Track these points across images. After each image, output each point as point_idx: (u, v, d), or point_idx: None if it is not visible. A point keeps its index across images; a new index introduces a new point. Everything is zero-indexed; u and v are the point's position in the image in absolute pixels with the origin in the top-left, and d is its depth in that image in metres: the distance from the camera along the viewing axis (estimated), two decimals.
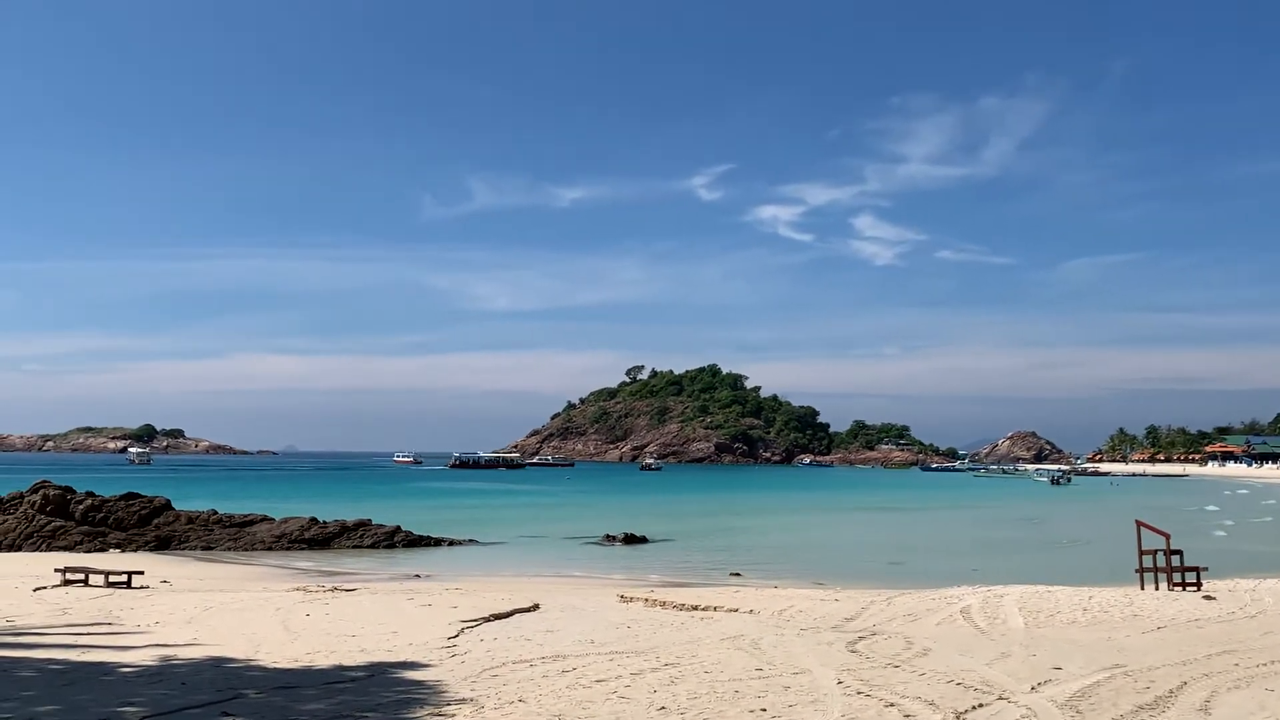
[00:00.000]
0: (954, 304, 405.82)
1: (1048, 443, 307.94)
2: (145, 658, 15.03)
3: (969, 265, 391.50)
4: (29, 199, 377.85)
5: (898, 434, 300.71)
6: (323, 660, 15.02)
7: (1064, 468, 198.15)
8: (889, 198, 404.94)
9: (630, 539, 46.18)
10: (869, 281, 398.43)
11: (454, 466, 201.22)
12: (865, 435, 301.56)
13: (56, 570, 27.36)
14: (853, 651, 15.48)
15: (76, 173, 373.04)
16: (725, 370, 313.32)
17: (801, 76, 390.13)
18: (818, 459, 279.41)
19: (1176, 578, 24.88)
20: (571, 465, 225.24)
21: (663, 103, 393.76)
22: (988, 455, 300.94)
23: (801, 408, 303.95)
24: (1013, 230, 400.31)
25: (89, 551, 38.83)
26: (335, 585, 26.70)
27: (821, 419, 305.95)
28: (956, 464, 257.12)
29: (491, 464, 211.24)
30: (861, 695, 12.33)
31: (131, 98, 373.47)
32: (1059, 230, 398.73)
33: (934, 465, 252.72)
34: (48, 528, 41.01)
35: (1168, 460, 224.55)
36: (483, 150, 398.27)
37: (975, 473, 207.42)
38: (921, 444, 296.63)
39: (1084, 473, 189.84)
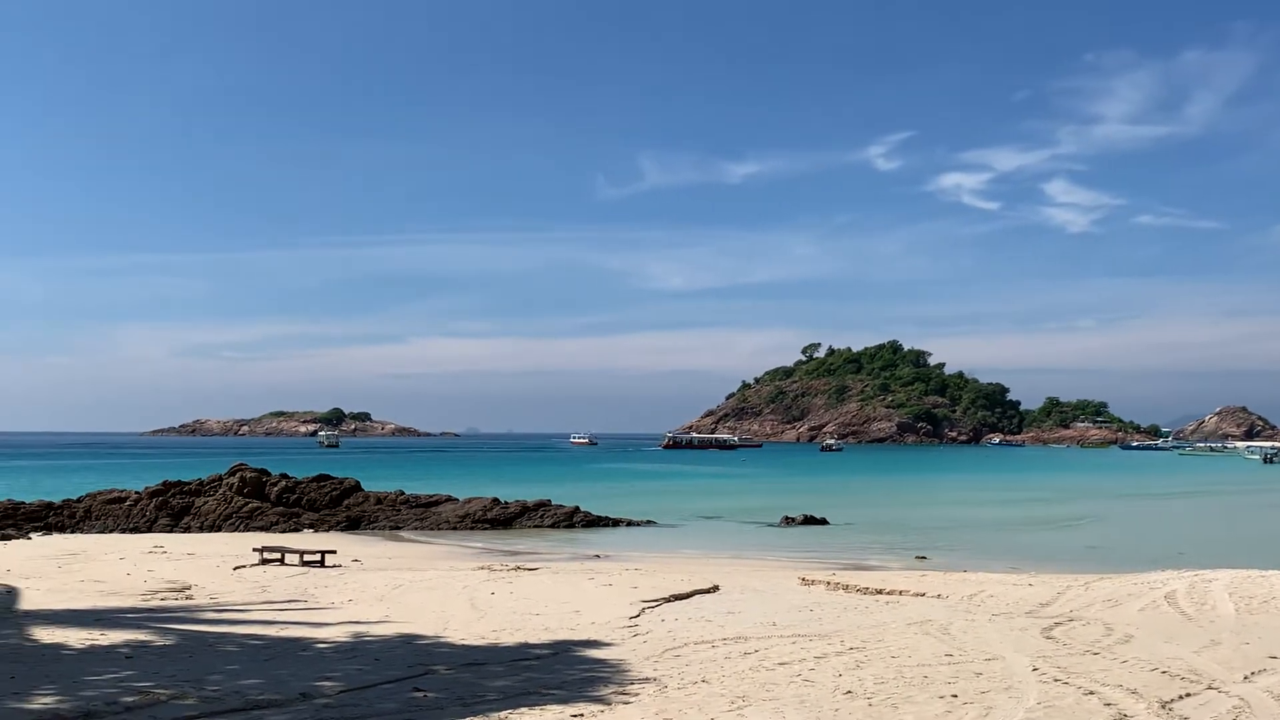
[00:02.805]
0: (1156, 272, 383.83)
1: (1260, 418, 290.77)
2: (340, 634, 15.55)
3: (1172, 231, 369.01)
4: (221, 193, 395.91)
5: (1094, 411, 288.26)
6: (508, 638, 15.25)
7: (1277, 445, 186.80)
8: (1083, 161, 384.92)
9: (810, 521, 45.62)
10: (1062, 250, 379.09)
11: (667, 447, 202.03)
12: (1059, 413, 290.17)
13: (255, 550, 28.55)
14: (1048, 638, 14.86)
15: (263, 165, 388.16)
16: (907, 347, 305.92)
17: (985, 35, 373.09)
18: (1007, 438, 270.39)
19: None
20: (759, 446, 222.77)
21: (835, 70, 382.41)
22: (1193, 432, 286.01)
23: (989, 385, 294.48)
24: (1220, 192, 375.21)
25: (284, 531, 40.45)
26: (518, 564, 27.20)
27: (1011, 396, 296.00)
28: (1159, 442, 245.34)
29: (704, 444, 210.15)
30: (1059, 683, 11.82)
31: (310, 88, 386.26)
32: (1272, 191, 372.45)
33: (1135, 444, 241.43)
34: (245, 509, 42.96)
35: None
36: (653, 128, 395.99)
37: (1180, 451, 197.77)
38: (1121, 421, 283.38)
39: None
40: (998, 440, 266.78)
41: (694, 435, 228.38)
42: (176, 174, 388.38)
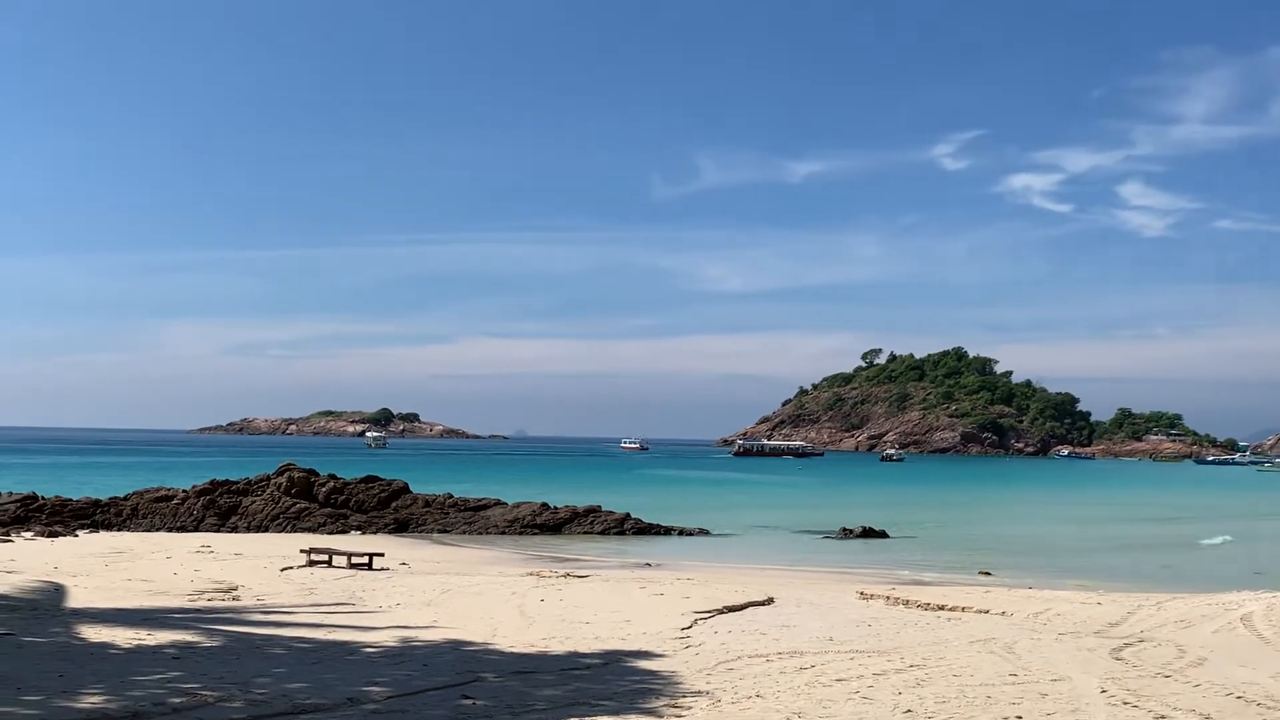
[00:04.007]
0: (1234, 279, 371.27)
1: None
2: (387, 638, 15.44)
3: (1253, 235, 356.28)
4: (272, 191, 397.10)
5: (1168, 423, 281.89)
6: (558, 646, 15.08)
7: None
8: (1160, 162, 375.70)
9: (869, 533, 44.93)
10: (1136, 255, 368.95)
11: (738, 454, 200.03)
12: (1131, 425, 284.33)
13: (302, 551, 28.54)
14: (1118, 659, 14.41)
15: (315, 163, 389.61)
16: (972, 353, 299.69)
17: (1058, 31, 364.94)
18: (1076, 450, 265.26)
19: None
20: (821, 454, 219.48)
21: (901, 66, 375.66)
22: (1272, 447, 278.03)
23: (1058, 394, 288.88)
24: None
25: (331, 533, 40.54)
26: (568, 571, 26.99)
27: (1081, 407, 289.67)
28: (1236, 456, 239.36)
29: (776, 452, 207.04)
30: (1128, 706, 11.46)
31: (363, 87, 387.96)
32: None
33: (1210, 458, 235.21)
34: (293, 509, 43.12)
35: None
36: (710, 125, 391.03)
37: (1259, 467, 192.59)
38: (1196, 434, 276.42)
39: None
40: (1066, 452, 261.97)
41: (764, 443, 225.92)
42: (228, 171, 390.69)
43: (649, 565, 32.35)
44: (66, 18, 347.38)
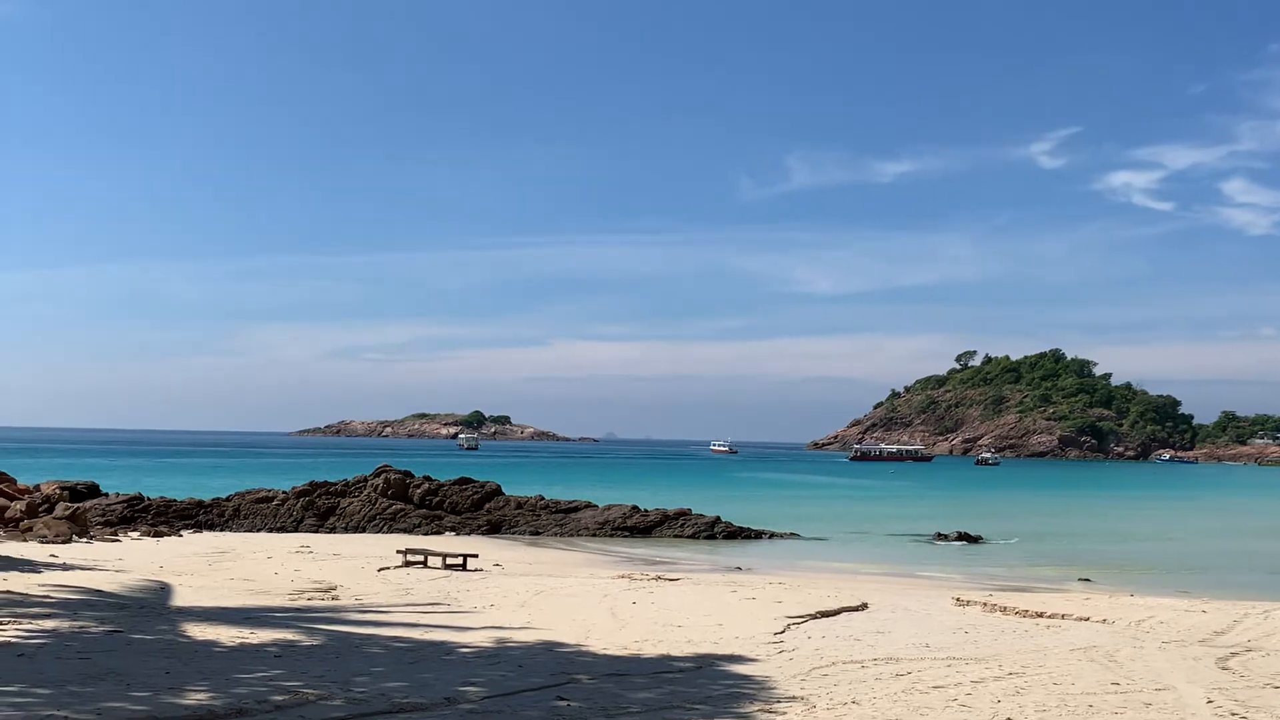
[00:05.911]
0: None
1: None
2: (482, 639, 15.57)
3: None
4: (368, 194, 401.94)
5: (1275, 426, 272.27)
6: (650, 649, 15.06)
7: None
8: (1266, 158, 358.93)
9: (964, 538, 44.24)
10: (1241, 254, 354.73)
11: (855, 459, 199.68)
12: (1236, 428, 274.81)
13: (398, 552, 28.95)
14: (1224, 668, 13.98)
15: (412, 167, 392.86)
16: (1070, 355, 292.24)
17: (1158, 23, 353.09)
18: (1178, 455, 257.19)
19: None
20: (929, 460, 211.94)
21: (995, 61, 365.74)
22: None
23: (1159, 397, 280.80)
24: None
25: (426, 534, 41.02)
26: (659, 574, 26.96)
27: (1184, 410, 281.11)
28: None
29: (894, 456, 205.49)
30: (1236, 716, 11.14)
31: (460, 90, 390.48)
32: None
33: None
34: (388, 510, 43.73)
35: None
36: (800, 125, 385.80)
37: None
38: None
39: None
40: (1168, 456, 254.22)
41: (881, 447, 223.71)
42: (327, 177, 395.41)
43: (740, 569, 32.20)
44: (185, 27, 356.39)
